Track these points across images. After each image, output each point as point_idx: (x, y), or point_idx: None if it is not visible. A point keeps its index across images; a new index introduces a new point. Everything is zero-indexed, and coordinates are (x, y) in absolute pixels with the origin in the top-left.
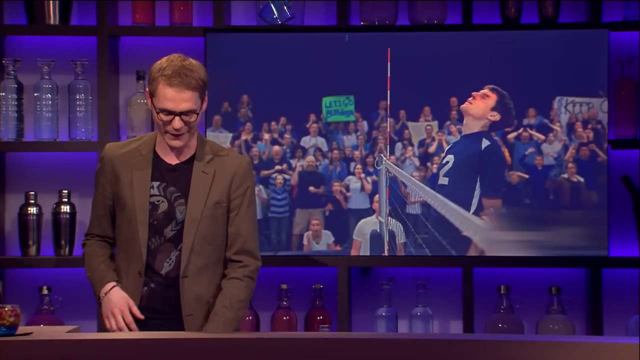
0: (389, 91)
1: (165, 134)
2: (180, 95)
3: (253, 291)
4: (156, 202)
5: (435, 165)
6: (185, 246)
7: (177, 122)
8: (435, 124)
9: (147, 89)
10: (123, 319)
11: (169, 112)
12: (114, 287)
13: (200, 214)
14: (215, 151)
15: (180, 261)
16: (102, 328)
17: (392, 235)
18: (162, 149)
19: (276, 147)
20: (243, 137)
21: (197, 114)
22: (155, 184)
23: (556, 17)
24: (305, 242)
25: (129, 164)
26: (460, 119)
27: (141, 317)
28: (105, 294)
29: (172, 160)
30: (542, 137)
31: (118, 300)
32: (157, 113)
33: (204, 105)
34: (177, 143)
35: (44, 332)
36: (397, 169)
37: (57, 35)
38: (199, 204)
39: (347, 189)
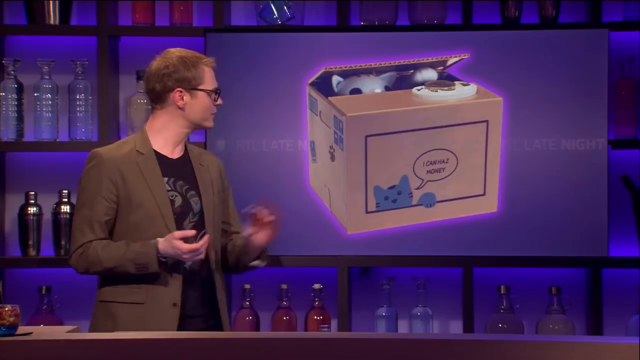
0: None
1: (210, 117)
2: (214, 73)
3: None
4: (171, 197)
5: None
6: (208, 234)
7: (220, 99)
8: None
9: (180, 89)
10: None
11: (217, 91)
12: (157, 244)
13: (213, 202)
14: (194, 147)
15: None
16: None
17: None
18: (160, 145)
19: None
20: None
21: None
22: (166, 179)
23: (556, 17)
24: None
25: (134, 163)
26: None
27: (192, 232)
28: (161, 254)
29: (172, 155)
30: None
31: (174, 247)
32: (211, 95)
33: None
34: (213, 123)
35: (44, 332)
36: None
37: (57, 35)
38: (209, 193)
39: None
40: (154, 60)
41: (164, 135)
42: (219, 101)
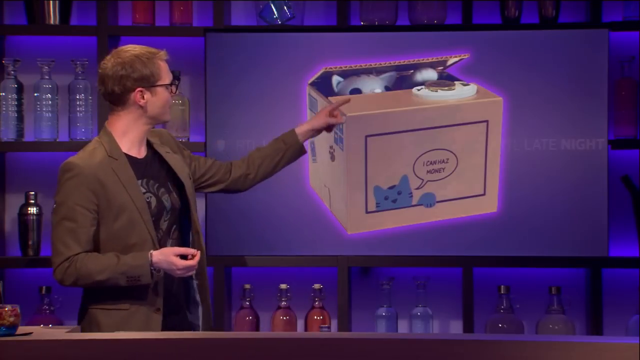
0: None
1: (168, 110)
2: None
3: None
4: (147, 199)
5: None
6: (195, 221)
7: (176, 88)
8: None
9: (140, 88)
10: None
11: (173, 82)
12: (151, 257)
13: (192, 186)
14: (152, 134)
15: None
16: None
17: None
18: (127, 147)
19: None
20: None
21: None
22: (140, 181)
23: (556, 17)
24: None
25: (109, 170)
26: None
27: (191, 251)
28: (153, 267)
29: (139, 154)
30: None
31: (169, 262)
32: (169, 87)
33: None
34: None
35: (44, 332)
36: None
37: (57, 35)
38: (187, 178)
39: None
40: (107, 60)
41: (129, 137)
42: (176, 92)
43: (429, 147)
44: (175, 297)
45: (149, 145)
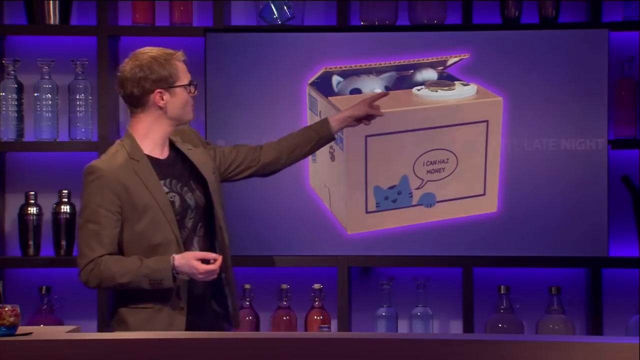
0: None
1: (190, 109)
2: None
3: None
4: (171, 199)
5: None
6: (219, 217)
7: (195, 90)
8: None
9: (159, 89)
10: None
11: (192, 83)
12: (173, 261)
13: (216, 182)
14: (175, 132)
15: (202, 246)
16: (102, 328)
17: None
18: (149, 149)
19: None
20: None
21: None
22: (163, 182)
23: (556, 17)
24: None
25: (132, 172)
26: None
27: (213, 255)
28: (176, 270)
29: (162, 155)
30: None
31: (191, 266)
32: (188, 87)
33: None
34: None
35: (44, 332)
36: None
37: (57, 35)
38: (210, 174)
39: None
40: (125, 63)
41: (151, 138)
42: (195, 92)
43: (429, 147)
44: (200, 296)
45: (172, 144)
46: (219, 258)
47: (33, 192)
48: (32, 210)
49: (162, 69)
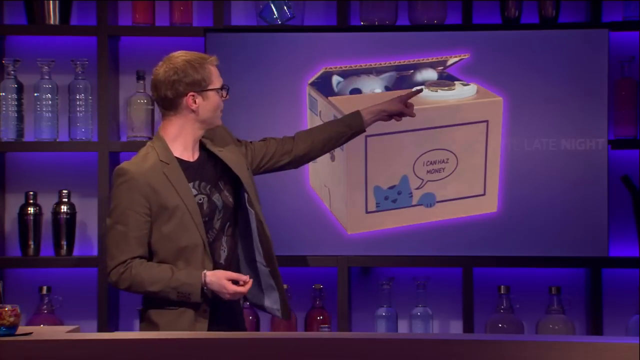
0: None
1: (220, 114)
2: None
3: None
4: (199, 201)
5: None
6: (258, 212)
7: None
8: None
9: (192, 92)
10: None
11: (224, 87)
12: (205, 277)
13: (250, 178)
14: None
15: (230, 245)
16: (102, 328)
17: None
18: (180, 152)
19: None
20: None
21: None
22: (192, 184)
23: (556, 17)
24: None
25: (161, 174)
26: None
27: (244, 277)
28: (205, 287)
29: (192, 158)
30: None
31: (221, 285)
32: (220, 92)
33: None
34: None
35: (44, 332)
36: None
37: (57, 35)
38: (244, 171)
39: None
40: (159, 67)
41: (181, 141)
42: (227, 96)
43: (429, 147)
44: (230, 308)
45: (202, 145)
46: (249, 282)
47: (33, 192)
48: (32, 210)
49: (196, 73)
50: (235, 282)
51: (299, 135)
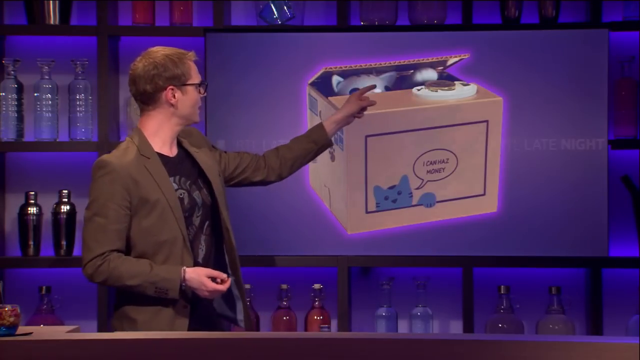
0: None
1: (198, 110)
2: None
3: None
4: (180, 196)
5: None
6: (225, 220)
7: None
8: None
9: (171, 86)
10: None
11: (203, 83)
12: (184, 273)
13: (221, 185)
14: (182, 133)
15: (208, 245)
16: (102, 328)
17: None
18: (159, 146)
19: None
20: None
21: None
22: (172, 179)
23: (556, 17)
24: None
25: (143, 167)
26: None
27: (223, 275)
28: (185, 283)
29: (171, 153)
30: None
31: (200, 282)
32: (198, 87)
33: None
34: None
35: (44, 332)
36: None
37: (57, 35)
38: (216, 177)
39: None
40: (138, 61)
41: (160, 136)
42: (204, 93)
43: (429, 147)
44: (208, 306)
45: (179, 144)
46: (228, 280)
47: (33, 192)
48: (32, 210)
49: (176, 67)
50: (214, 280)
51: (268, 155)
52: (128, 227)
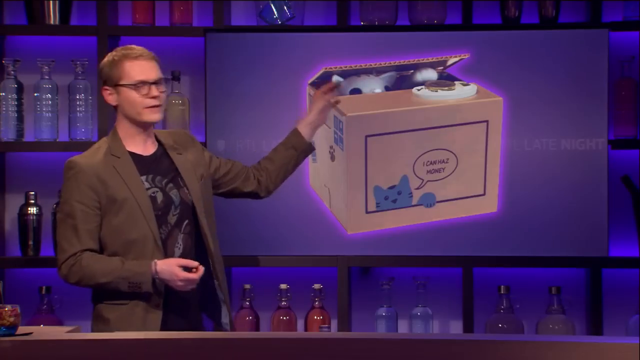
0: None
1: (144, 111)
2: (148, 64)
3: None
4: (152, 194)
5: None
6: (203, 224)
7: (155, 90)
8: None
9: (105, 87)
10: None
11: (144, 83)
12: (155, 266)
13: (200, 190)
14: (168, 134)
15: (187, 244)
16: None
17: None
18: (133, 145)
19: None
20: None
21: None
22: (144, 177)
23: (556, 17)
24: None
25: (111, 167)
26: None
27: (195, 263)
28: (157, 276)
29: (145, 152)
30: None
31: (171, 272)
32: (134, 88)
33: None
34: (157, 116)
35: (44, 332)
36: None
37: (57, 35)
38: (194, 182)
39: None
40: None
41: (130, 135)
42: (154, 92)
43: (429, 147)
44: (184, 299)
45: (161, 144)
46: (200, 269)
47: (33, 192)
48: (32, 210)
49: (109, 69)
50: (188, 269)
51: (255, 168)
52: (99, 227)
